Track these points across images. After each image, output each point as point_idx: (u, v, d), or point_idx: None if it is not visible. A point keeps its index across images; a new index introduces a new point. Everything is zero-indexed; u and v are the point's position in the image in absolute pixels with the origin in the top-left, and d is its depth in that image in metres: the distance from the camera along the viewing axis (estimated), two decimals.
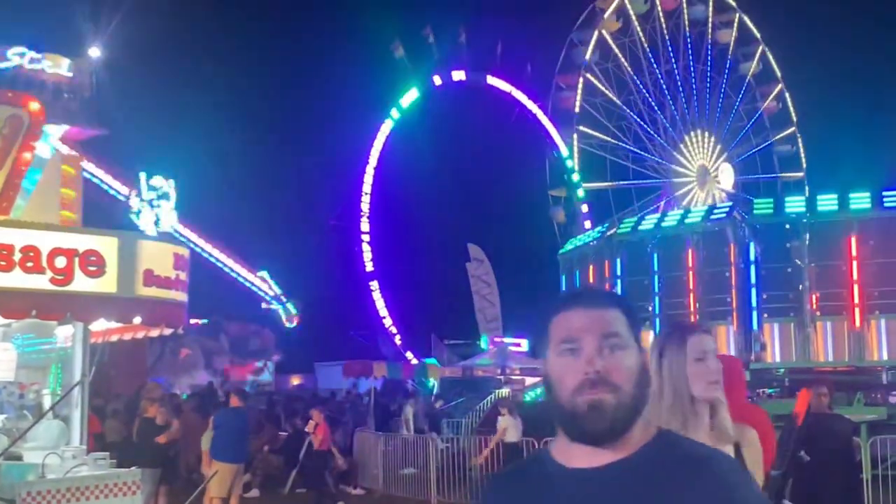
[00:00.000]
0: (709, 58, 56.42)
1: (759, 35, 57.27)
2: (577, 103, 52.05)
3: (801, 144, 59.35)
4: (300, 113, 59.92)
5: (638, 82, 53.96)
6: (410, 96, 50.41)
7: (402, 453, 21.67)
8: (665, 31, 54.93)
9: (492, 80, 53.68)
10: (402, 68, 50.62)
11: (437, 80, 51.45)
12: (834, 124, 59.31)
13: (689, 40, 55.68)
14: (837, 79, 62.66)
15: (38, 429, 11.69)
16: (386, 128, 49.74)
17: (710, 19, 56.25)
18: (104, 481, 10.11)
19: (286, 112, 60.31)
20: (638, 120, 53.80)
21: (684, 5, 55.31)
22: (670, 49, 55.08)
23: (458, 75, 52.16)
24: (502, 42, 53.98)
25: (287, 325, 43.38)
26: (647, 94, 54.34)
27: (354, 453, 23.17)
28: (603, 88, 52.97)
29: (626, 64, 53.54)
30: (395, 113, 50.02)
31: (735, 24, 56.72)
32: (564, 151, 53.72)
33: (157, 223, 22.45)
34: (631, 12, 53.57)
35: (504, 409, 20.40)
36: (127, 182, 29.85)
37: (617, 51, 53.25)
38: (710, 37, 56.53)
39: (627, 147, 53.71)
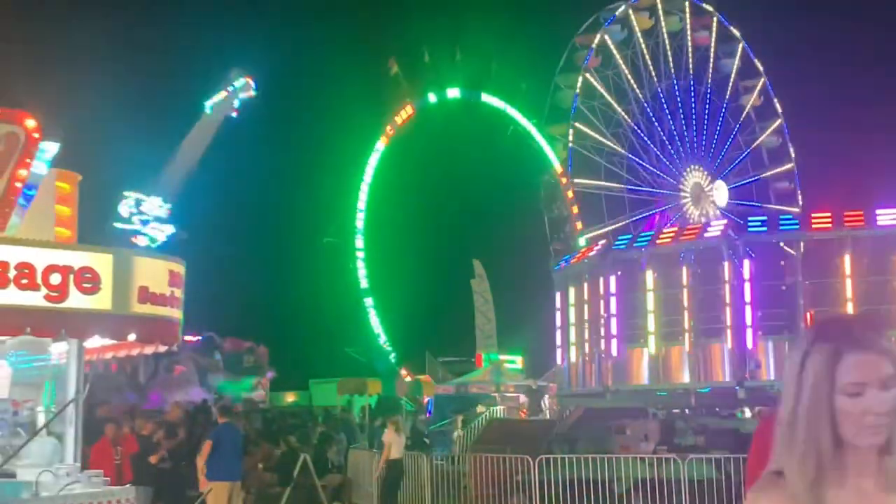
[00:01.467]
0: (690, 67, 56.78)
1: (737, 33, 57.69)
2: (569, 151, 52.47)
3: (787, 136, 59.58)
4: (293, 129, 59.95)
5: (624, 114, 54.28)
6: (405, 113, 50.49)
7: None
8: (646, 53, 55.30)
9: (486, 97, 53.80)
10: (396, 86, 50.74)
11: (432, 97, 51.56)
12: (827, 138, 59.53)
13: (668, 54, 56.04)
14: (821, 67, 62.89)
15: (32, 446, 11.66)
16: (380, 144, 49.79)
17: (713, 47, 56.68)
18: (98, 499, 10.07)
19: (279, 128, 60.33)
20: (635, 128, 54.07)
21: (660, 18, 55.62)
22: (652, 70, 55.42)
23: (453, 92, 52.28)
24: (497, 60, 54.17)
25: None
26: (645, 106, 54.65)
27: (348, 470, 23.12)
28: (602, 91, 53.24)
29: (611, 99, 53.85)
30: (389, 129, 50.08)
31: (738, 54, 57.19)
32: (559, 168, 53.86)
33: (152, 241, 22.42)
34: (609, 43, 53.92)
35: (391, 424, 21.10)
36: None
37: (601, 89, 53.56)
38: (711, 64, 56.95)
39: (622, 153, 53.96)
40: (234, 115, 39.95)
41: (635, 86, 54.81)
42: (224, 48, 59.27)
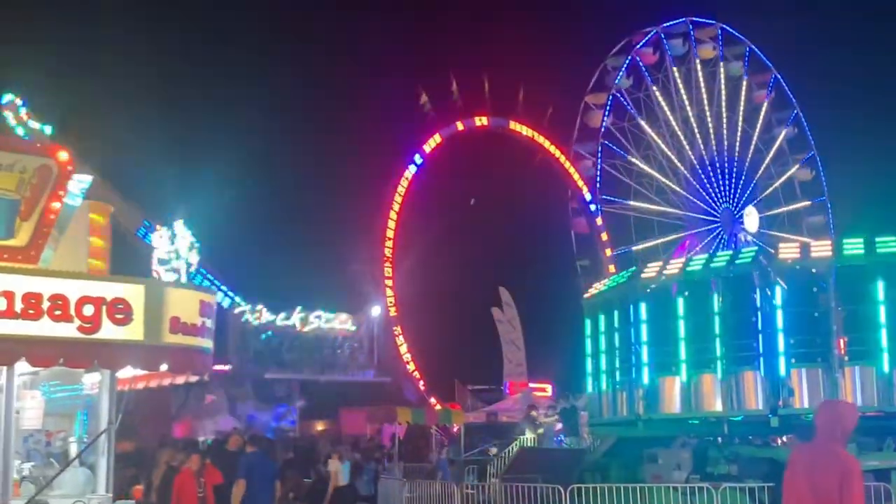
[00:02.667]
0: (723, 96, 56.65)
1: (770, 64, 57.52)
2: (598, 170, 52.45)
3: (820, 169, 59.16)
4: (324, 160, 60.20)
5: (654, 136, 54.18)
6: (434, 142, 50.67)
7: (427, 499, 21.53)
8: (678, 78, 55.24)
9: (514, 126, 53.90)
10: (425, 115, 50.98)
11: (460, 126, 51.72)
12: (853, 147, 59.00)
13: (700, 82, 55.92)
14: (854, 101, 62.39)
15: (65, 476, 11.71)
16: (409, 173, 49.96)
17: (721, 55, 56.59)
18: None
19: (310, 160, 60.61)
20: (658, 176, 53.90)
21: (693, 46, 55.58)
22: (684, 95, 55.32)
23: (481, 121, 52.43)
24: (524, 88, 54.32)
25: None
26: (664, 147, 54.48)
27: (379, 499, 23.04)
28: (621, 152, 53.27)
29: (641, 121, 53.81)
30: (418, 158, 50.25)
31: (746, 57, 57.02)
32: (587, 196, 53.81)
33: (187, 270, 22.53)
34: (641, 65, 53.94)
35: (335, 454, 21.52)
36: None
37: (632, 109, 53.64)
38: (744, 95, 56.82)
39: (652, 174, 53.80)
40: None
41: (666, 108, 54.69)
42: (255, 78, 59.87)
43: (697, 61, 55.63)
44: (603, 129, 52.69)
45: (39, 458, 12.87)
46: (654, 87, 54.45)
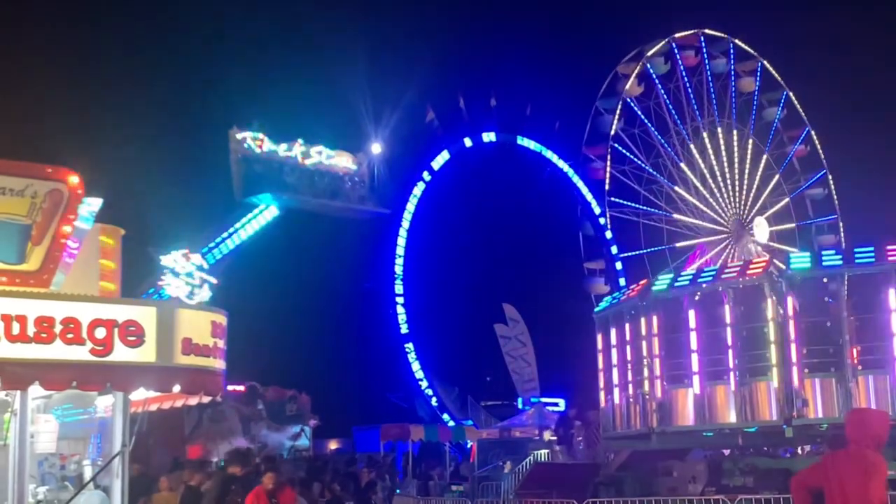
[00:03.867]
0: (734, 109, 56.56)
1: (782, 81, 57.43)
2: (607, 174, 52.41)
3: (832, 187, 59.01)
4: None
5: (665, 144, 54.14)
6: (442, 158, 50.76)
7: None
8: (689, 89, 55.19)
9: (522, 141, 53.97)
10: (433, 132, 51.07)
11: (468, 142, 51.82)
12: (866, 168, 58.88)
13: (713, 94, 55.88)
14: (867, 120, 62.21)
15: (80, 500, 11.73)
16: (418, 190, 50.05)
17: (733, 69, 56.50)
18: None
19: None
20: (668, 183, 53.89)
21: (705, 59, 55.58)
22: (695, 106, 55.29)
23: (489, 136, 52.52)
24: (532, 103, 54.42)
25: None
26: (675, 156, 54.43)
27: None
28: (631, 157, 53.25)
29: (652, 128, 53.82)
30: (426, 175, 50.34)
31: (758, 72, 56.95)
32: (596, 209, 53.81)
33: (189, 296, 22.59)
34: (653, 74, 53.95)
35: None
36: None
37: (642, 116, 53.58)
38: (733, 88, 56.70)
39: (660, 211, 53.80)
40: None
41: (677, 118, 54.68)
42: (265, 97, 60.02)
43: (708, 74, 55.62)
44: (612, 134, 52.64)
45: (54, 481, 12.90)
46: (665, 96, 54.41)
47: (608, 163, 52.56)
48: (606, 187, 52.73)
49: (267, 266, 49.04)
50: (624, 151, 53.07)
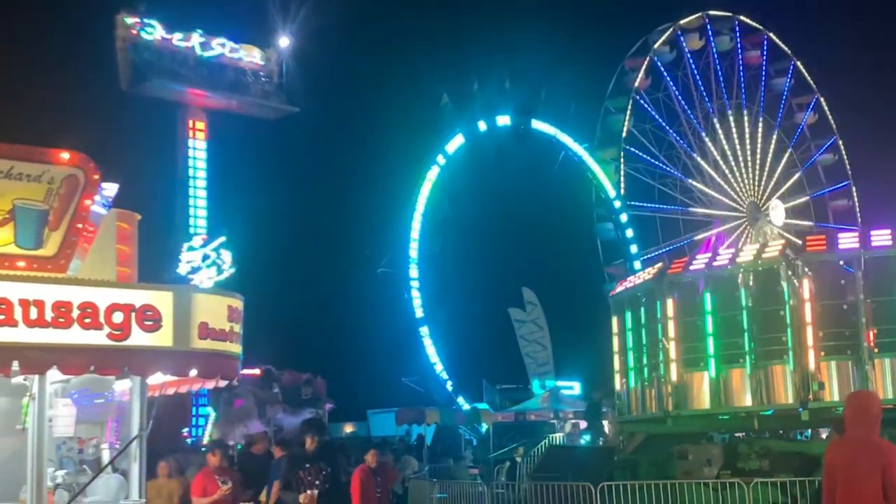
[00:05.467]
0: (742, 87, 56.39)
1: (788, 50, 57.20)
2: (626, 126, 52.22)
3: (844, 153, 58.74)
4: (346, 161, 60.43)
5: (689, 113, 53.99)
6: (456, 142, 50.66)
7: (458, 499, 21.56)
8: (696, 73, 55.07)
9: (536, 124, 53.82)
10: (447, 116, 50.96)
11: (482, 126, 51.68)
12: (876, 129, 58.53)
13: (720, 75, 55.69)
14: (874, 83, 61.78)
15: (98, 483, 11.83)
16: (432, 174, 49.97)
17: (764, 65, 56.28)
18: None
19: (332, 160, 60.85)
20: (681, 175, 53.76)
21: (711, 40, 55.32)
22: (703, 90, 55.18)
23: (503, 120, 52.38)
24: (546, 86, 54.24)
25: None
26: (697, 126, 54.32)
27: (409, 500, 23.10)
28: (653, 113, 53.10)
29: (677, 93, 53.68)
30: (440, 159, 50.26)
31: (764, 44, 56.73)
32: (611, 192, 53.66)
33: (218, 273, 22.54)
34: (659, 64, 53.76)
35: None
36: None
37: (652, 111, 53.51)
38: (741, 64, 56.49)
39: (676, 174, 53.64)
40: None
41: (686, 107, 54.54)
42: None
43: (715, 54, 55.41)
44: (624, 135, 52.58)
45: (72, 465, 12.98)
46: (673, 85, 54.25)
47: (622, 164, 52.52)
48: (622, 190, 52.72)
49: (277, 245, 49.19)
50: (636, 152, 53.03)
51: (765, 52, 56.65)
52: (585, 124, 54.86)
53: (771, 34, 56.76)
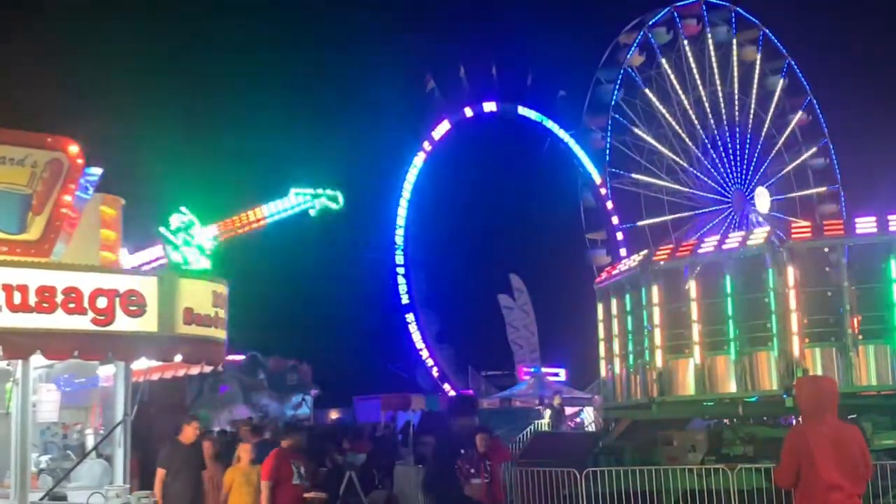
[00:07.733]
0: (735, 79, 56.31)
1: (784, 50, 57.17)
2: (608, 144, 52.28)
3: (834, 157, 58.83)
4: (331, 148, 60.20)
5: (666, 114, 53.96)
6: (442, 128, 50.59)
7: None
8: (690, 58, 54.92)
9: (523, 111, 53.79)
10: (433, 102, 50.90)
11: (469, 112, 51.63)
12: (867, 136, 58.60)
13: (714, 63, 55.64)
14: (868, 89, 61.90)
15: (82, 468, 11.81)
16: (418, 160, 49.91)
17: (759, 63, 56.17)
18: None
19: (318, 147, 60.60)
20: (669, 154, 53.78)
21: (707, 29, 55.28)
22: (696, 76, 55.05)
23: (490, 106, 52.33)
24: (533, 72, 54.21)
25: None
26: (675, 126, 54.26)
27: (395, 486, 23.09)
28: (632, 127, 53.08)
29: (653, 98, 53.58)
30: (427, 145, 50.20)
31: (760, 41, 56.67)
32: (597, 179, 53.67)
33: (185, 262, 22.55)
34: (654, 43, 53.70)
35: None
36: None
37: (643, 86, 53.38)
38: (757, 80, 56.38)
39: (660, 182, 53.73)
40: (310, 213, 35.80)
41: (678, 88, 54.46)
42: (261, 73, 59.83)
43: (710, 43, 55.36)
44: (613, 104, 52.48)
45: (56, 450, 12.96)
46: (667, 66, 54.17)
47: (609, 133, 52.43)
48: (607, 158, 52.63)
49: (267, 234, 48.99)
50: (625, 123, 52.94)
51: (760, 49, 56.41)
52: (572, 111, 54.90)
53: (767, 31, 56.67)
